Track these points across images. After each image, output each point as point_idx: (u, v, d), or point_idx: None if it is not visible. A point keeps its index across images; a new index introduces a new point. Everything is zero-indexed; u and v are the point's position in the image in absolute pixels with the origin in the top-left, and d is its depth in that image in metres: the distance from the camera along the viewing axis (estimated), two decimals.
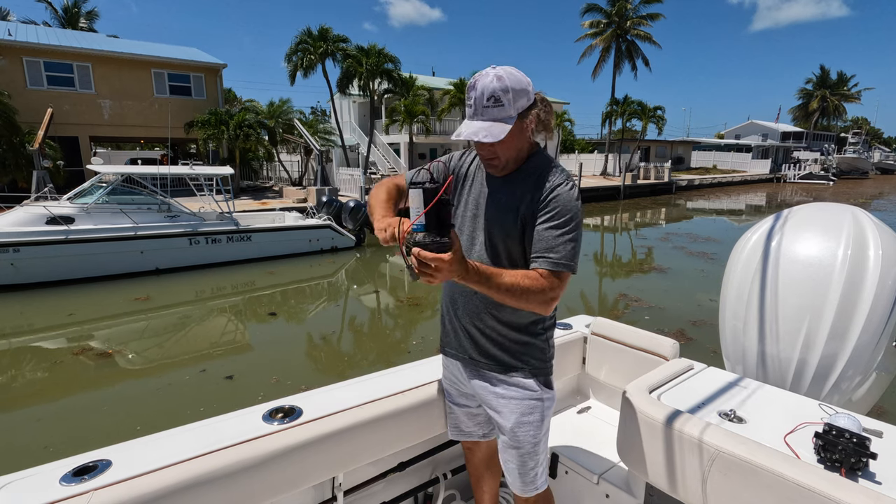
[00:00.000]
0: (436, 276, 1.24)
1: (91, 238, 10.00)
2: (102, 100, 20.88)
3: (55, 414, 5.28)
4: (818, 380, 2.33)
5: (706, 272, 11.13)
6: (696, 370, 2.24)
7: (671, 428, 1.74)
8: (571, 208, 1.50)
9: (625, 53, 36.89)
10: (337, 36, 23.28)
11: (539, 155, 1.62)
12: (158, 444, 1.59)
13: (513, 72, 1.46)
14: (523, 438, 1.69)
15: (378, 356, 6.94)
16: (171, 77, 22.27)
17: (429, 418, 2.00)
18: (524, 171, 1.59)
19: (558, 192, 1.51)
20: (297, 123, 22.34)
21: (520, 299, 1.44)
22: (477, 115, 1.45)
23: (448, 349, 1.84)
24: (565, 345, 2.71)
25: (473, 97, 1.44)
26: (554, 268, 1.47)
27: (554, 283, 1.47)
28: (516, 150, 1.55)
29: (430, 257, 1.21)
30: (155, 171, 11.29)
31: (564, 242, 1.48)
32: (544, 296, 1.45)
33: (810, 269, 2.41)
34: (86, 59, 20.27)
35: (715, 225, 20.31)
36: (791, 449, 1.63)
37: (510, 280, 1.42)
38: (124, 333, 7.77)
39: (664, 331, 7.25)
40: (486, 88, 1.42)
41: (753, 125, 61.18)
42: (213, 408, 5.14)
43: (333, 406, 1.85)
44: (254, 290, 10.39)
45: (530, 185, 1.56)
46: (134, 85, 21.43)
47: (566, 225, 1.49)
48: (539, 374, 1.70)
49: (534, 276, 1.46)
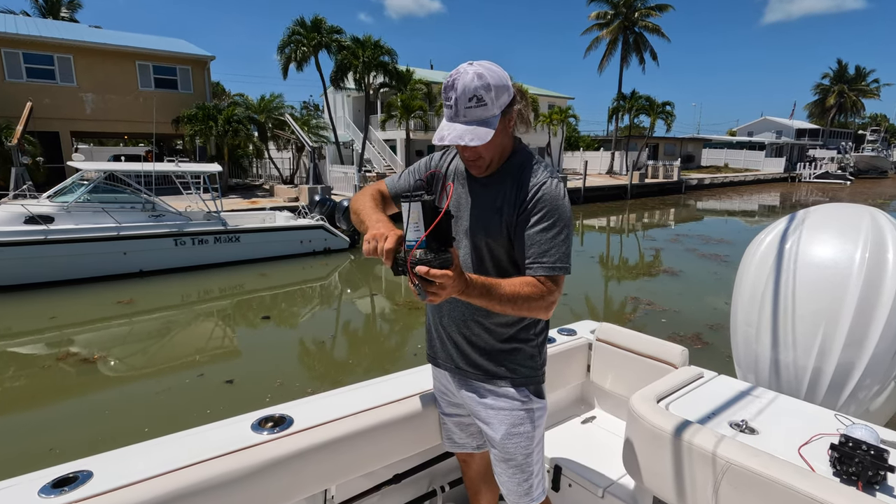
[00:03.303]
0: (440, 293, 1.23)
1: (72, 238, 9.98)
2: (84, 93, 20.88)
3: (35, 422, 5.27)
4: (834, 389, 2.33)
5: (719, 275, 11.16)
6: (706, 378, 2.24)
7: (680, 439, 1.74)
8: (559, 206, 1.51)
9: (632, 46, 36.93)
10: (331, 27, 23.32)
11: (520, 152, 1.61)
12: (142, 455, 1.59)
13: (492, 67, 1.44)
14: (514, 451, 1.69)
15: (374, 362, 6.94)
16: (156, 70, 22.28)
17: (425, 428, 2.00)
18: (506, 169, 1.59)
19: (544, 192, 1.51)
20: (289, 119, 22.37)
21: (521, 308, 1.45)
22: (459, 116, 1.43)
23: (435, 359, 1.84)
24: (569, 351, 2.70)
25: (454, 97, 1.41)
26: (550, 272, 1.49)
27: (552, 288, 1.49)
28: (500, 148, 1.55)
29: (438, 274, 1.20)
30: (139, 169, 11.29)
31: (558, 245, 1.49)
32: (544, 301, 1.48)
33: (826, 272, 2.41)
34: (67, 51, 20.27)
35: (727, 226, 20.33)
36: (805, 461, 1.63)
37: (510, 290, 1.43)
38: (108, 338, 7.76)
39: (680, 335, 7.32)
40: (468, 87, 1.40)
41: (767, 122, 61.28)
42: (208, 416, 5.13)
43: (325, 415, 1.85)
44: (243, 293, 10.38)
45: (513, 184, 1.55)
46: (117, 78, 21.42)
47: (556, 225, 1.50)
48: (529, 383, 1.70)
49: (532, 282, 1.47)
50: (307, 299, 10.25)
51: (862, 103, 59.48)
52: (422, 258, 1.20)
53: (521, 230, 1.52)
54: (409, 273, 1.21)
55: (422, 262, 1.20)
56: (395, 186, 1.79)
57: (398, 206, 1.77)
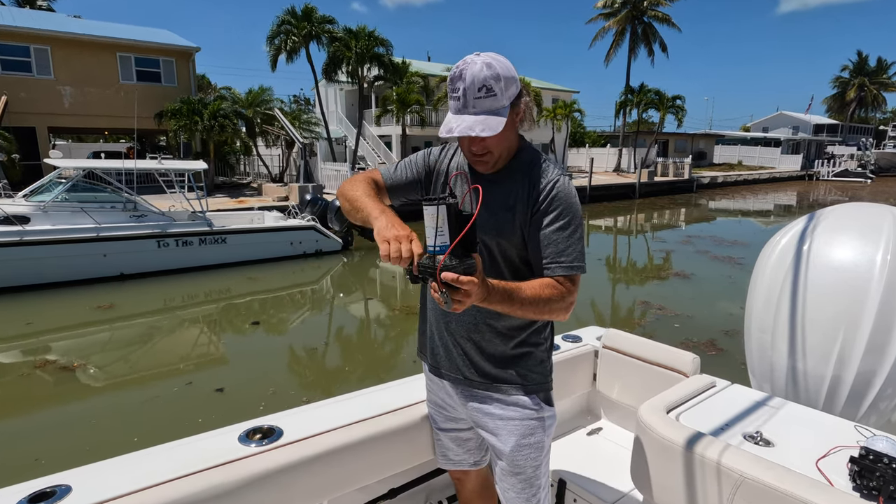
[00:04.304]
0: (465, 301, 1.23)
1: (48, 240, 9.97)
2: (62, 86, 20.87)
3: (11, 434, 5.27)
4: (854, 399, 2.34)
5: (734, 278, 11.19)
6: (718, 388, 2.24)
7: (691, 451, 1.74)
8: (573, 204, 1.55)
9: (641, 37, 37.03)
10: (323, 17, 23.36)
11: (527, 149, 1.63)
12: (123, 468, 1.59)
13: (500, 58, 1.46)
14: (524, 463, 1.69)
15: (368, 370, 6.94)
16: (138, 62, 22.28)
17: (422, 440, 2.00)
18: (514, 166, 1.60)
19: (558, 190, 1.54)
20: (279, 113, 22.39)
21: (542, 311, 1.49)
22: (468, 107, 1.44)
23: (436, 369, 1.82)
24: (574, 359, 2.70)
25: (462, 88, 1.43)
26: (569, 272, 1.53)
27: (571, 288, 1.53)
28: (508, 142, 1.56)
29: (465, 281, 1.20)
30: (120, 166, 11.28)
31: (574, 243, 1.54)
32: (564, 302, 1.52)
33: (846, 275, 2.41)
34: (44, 42, 20.26)
35: (741, 227, 20.37)
36: (823, 475, 1.63)
37: (531, 293, 1.46)
38: (88, 345, 7.76)
39: (693, 341, 7.35)
40: (477, 77, 1.41)
41: (783, 117, 61.42)
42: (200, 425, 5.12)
43: (316, 426, 1.85)
44: (231, 297, 10.38)
45: (525, 182, 1.57)
46: (97, 70, 21.43)
47: (571, 224, 1.54)
48: (540, 390, 1.70)
49: (551, 283, 1.51)
50: (298, 304, 10.24)
51: (883, 97, 59.69)
52: (447, 265, 1.20)
53: (536, 230, 1.55)
54: (437, 280, 1.20)
55: (447, 268, 1.20)
56: (392, 177, 1.76)
57: (392, 199, 1.77)
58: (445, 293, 1.21)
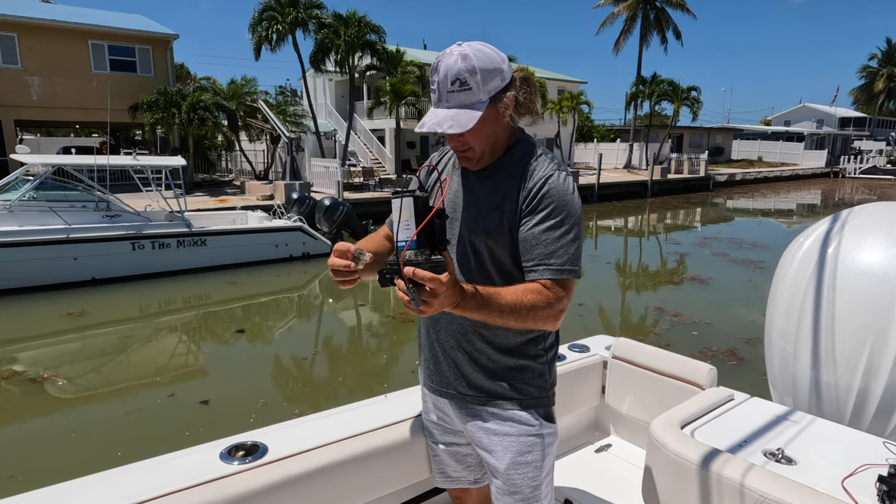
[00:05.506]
0: (431, 302, 1.23)
1: (14, 242, 9.95)
2: (30, 76, 20.87)
3: None
4: (882, 413, 2.34)
5: (755, 283, 11.22)
6: (737, 401, 2.24)
7: (707, 470, 1.74)
8: (567, 202, 1.51)
9: (653, 23, 37.14)
10: (310, 1, 23.39)
11: (522, 143, 1.63)
12: (93, 487, 1.58)
13: (481, 48, 1.46)
14: (520, 483, 1.68)
15: (360, 382, 6.94)
16: (112, 50, 22.30)
17: (417, 458, 2.00)
18: (504, 162, 1.60)
19: (550, 185, 1.51)
20: (263, 105, 22.36)
21: (525, 319, 1.45)
22: (442, 101, 1.46)
23: (430, 384, 1.82)
24: (581, 370, 2.70)
25: (437, 81, 1.44)
26: (558, 276, 1.48)
27: (560, 294, 1.48)
28: (491, 138, 1.56)
29: (427, 277, 1.19)
30: (92, 162, 11.25)
31: (566, 245, 1.49)
32: (551, 310, 1.47)
33: (874, 280, 2.41)
34: (10, 28, 20.27)
35: (761, 228, 20.43)
36: (850, 495, 1.63)
37: (512, 298, 1.42)
38: (57, 355, 7.74)
39: (713, 349, 7.37)
40: (450, 70, 1.42)
41: (806, 109, 61.60)
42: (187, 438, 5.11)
43: (304, 443, 1.84)
44: (212, 303, 10.38)
45: (514, 179, 1.56)
46: (68, 59, 21.45)
47: (564, 223, 1.50)
48: (539, 406, 1.69)
49: (536, 288, 1.47)
50: (285, 311, 10.24)
51: None
52: (411, 259, 1.20)
53: (525, 229, 1.52)
54: (401, 275, 1.19)
55: (410, 262, 1.19)
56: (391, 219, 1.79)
57: None
58: (412, 289, 1.19)
